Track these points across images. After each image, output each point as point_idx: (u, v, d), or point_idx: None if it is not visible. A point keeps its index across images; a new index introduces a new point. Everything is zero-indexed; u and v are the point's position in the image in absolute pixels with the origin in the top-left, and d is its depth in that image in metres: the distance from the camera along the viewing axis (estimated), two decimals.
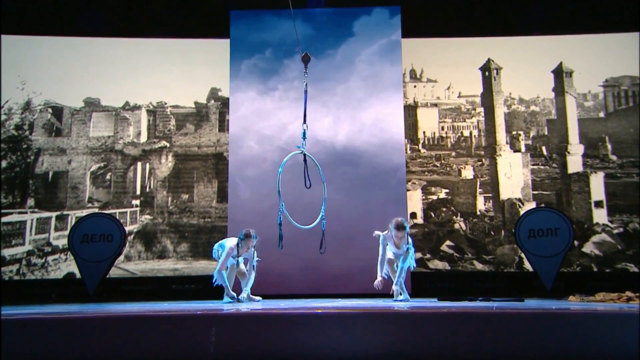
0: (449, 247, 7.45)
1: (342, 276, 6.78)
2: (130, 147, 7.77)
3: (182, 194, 7.64)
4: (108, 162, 7.71)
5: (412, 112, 7.86)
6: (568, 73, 7.78)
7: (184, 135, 7.79)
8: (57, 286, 7.10)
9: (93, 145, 7.76)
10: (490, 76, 7.87)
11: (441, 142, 7.82)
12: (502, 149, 7.72)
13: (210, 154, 7.76)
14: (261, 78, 7.47)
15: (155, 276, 7.34)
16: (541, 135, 7.78)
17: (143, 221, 7.54)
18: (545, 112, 7.83)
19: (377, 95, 7.38)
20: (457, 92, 7.96)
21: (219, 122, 7.79)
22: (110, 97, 7.79)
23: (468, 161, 7.72)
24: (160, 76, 7.78)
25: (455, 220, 7.54)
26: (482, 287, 6.87)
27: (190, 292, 7.00)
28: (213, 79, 7.83)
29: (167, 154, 7.73)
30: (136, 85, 7.77)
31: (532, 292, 6.23)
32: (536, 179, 7.59)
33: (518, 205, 7.50)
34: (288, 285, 6.65)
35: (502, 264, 7.37)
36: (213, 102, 7.86)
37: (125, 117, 7.83)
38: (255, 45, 7.52)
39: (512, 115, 7.84)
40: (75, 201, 7.59)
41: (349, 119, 7.36)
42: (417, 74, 8.01)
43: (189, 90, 7.82)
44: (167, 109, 7.85)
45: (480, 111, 7.86)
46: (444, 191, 7.62)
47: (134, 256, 7.43)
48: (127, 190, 7.65)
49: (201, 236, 7.49)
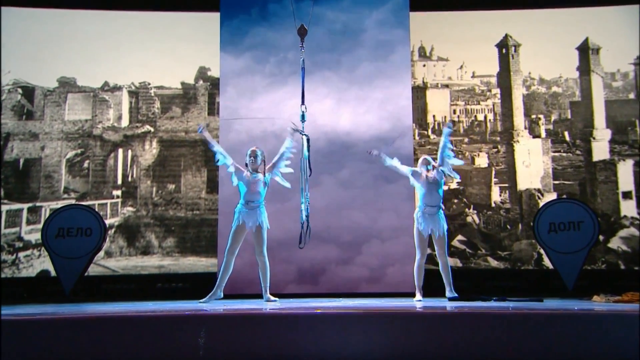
0: (461, 243, 7.46)
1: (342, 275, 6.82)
2: (110, 132, 7.74)
3: (168, 183, 7.62)
4: (86, 148, 7.68)
5: (421, 94, 7.83)
6: (594, 50, 7.72)
7: (169, 119, 7.76)
8: (30, 285, 7.10)
9: (69, 130, 7.72)
10: (507, 54, 7.82)
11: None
12: (520, 134, 7.69)
13: (199, 140, 7.73)
14: (255, 55, 7.43)
15: (138, 274, 7.35)
16: (563, 119, 7.75)
17: (125, 214, 7.53)
18: (568, 93, 7.79)
19: (381, 76, 7.34)
20: (470, 71, 7.91)
21: (209, 105, 7.76)
22: (87, 76, 7.74)
23: (482, 148, 7.70)
24: (143, 53, 7.72)
25: (468, 213, 7.54)
26: (496, 286, 6.87)
27: (177, 292, 6.99)
28: (202, 57, 7.78)
29: (152, 139, 7.71)
30: (116, 63, 7.71)
31: (552, 292, 6.23)
32: (557, 167, 7.58)
33: (537, 196, 7.49)
34: (286, 284, 6.68)
35: (519, 260, 7.38)
36: (202, 83, 7.82)
37: (105, 99, 7.78)
38: (248, 18, 7.46)
39: (532, 97, 7.81)
40: (49, 191, 7.56)
41: (352, 101, 7.32)
42: (427, 51, 7.97)
43: (175, 69, 7.76)
44: (151, 90, 7.81)
45: (496, 93, 7.83)
46: (456, 181, 7.58)
47: (115, 252, 7.43)
48: (107, 180, 7.63)
49: (189, 230, 7.49)
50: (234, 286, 5.59)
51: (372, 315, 3.52)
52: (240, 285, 5.97)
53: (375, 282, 6.88)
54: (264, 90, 7.40)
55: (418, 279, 5.44)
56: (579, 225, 5.92)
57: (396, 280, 6.74)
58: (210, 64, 7.76)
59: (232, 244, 5.16)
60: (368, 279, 6.93)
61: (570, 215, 5.98)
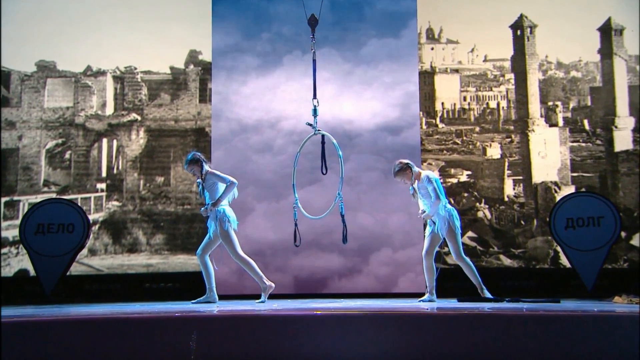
0: (471, 240, 7.47)
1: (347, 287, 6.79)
2: (94, 120, 7.72)
3: (156, 176, 7.63)
4: (67, 138, 7.67)
5: (428, 80, 7.81)
6: (618, 31, 7.69)
7: (158, 106, 7.75)
8: (7, 286, 7.10)
9: (49, 118, 7.71)
10: (522, 36, 7.78)
11: (463, 115, 7.78)
12: (536, 123, 7.68)
13: (190, 129, 7.73)
14: (251, 37, 7.40)
15: (125, 273, 7.36)
16: (583, 107, 7.73)
17: (110, 208, 7.54)
18: (588, 78, 7.77)
19: (388, 57, 7.30)
20: (482, 55, 7.89)
21: (200, 92, 7.76)
22: (68, 60, 7.72)
23: (495, 138, 7.69)
24: (129, 35, 7.69)
25: (479, 208, 7.54)
26: (509, 286, 6.88)
27: (166, 292, 7.01)
28: (192, 39, 7.75)
29: (138, 128, 7.70)
30: (100, 46, 7.69)
31: (569, 292, 6.25)
32: (576, 158, 7.57)
33: (554, 189, 7.49)
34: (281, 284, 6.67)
35: (534, 259, 7.39)
36: (192, 68, 7.80)
37: (87, 85, 7.76)
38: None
39: (549, 83, 7.78)
40: (27, 185, 7.56)
41: (356, 85, 7.28)
42: (435, 33, 7.94)
43: (164, 52, 7.75)
44: (138, 75, 7.80)
45: (510, 78, 7.80)
46: (466, 173, 7.61)
47: (99, 250, 7.44)
48: (90, 172, 7.62)
49: (179, 226, 7.50)
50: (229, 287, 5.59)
51: (376, 317, 3.53)
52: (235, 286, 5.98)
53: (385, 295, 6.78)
54: (257, 73, 7.35)
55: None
56: (599, 221, 5.91)
57: (409, 292, 6.56)
58: (202, 46, 7.74)
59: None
60: (376, 290, 6.77)
61: (590, 210, 5.97)
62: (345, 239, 5.14)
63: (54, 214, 6.14)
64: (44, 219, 6.11)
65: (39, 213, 6.18)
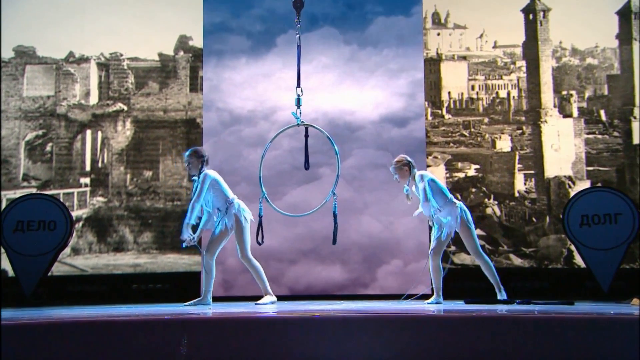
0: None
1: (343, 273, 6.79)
2: (77, 110, 7.71)
3: (144, 170, 7.64)
4: (48, 129, 7.67)
5: (434, 67, 7.81)
6: (638, 14, 7.68)
7: (145, 95, 7.75)
8: None
9: (28, 108, 7.70)
10: (535, 20, 7.78)
11: (471, 105, 7.79)
12: (549, 113, 7.68)
13: (180, 120, 7.73)
14: (245, 21, 7.38)
15: (110, 274, 7.37)
16: (599, 96, 7.73)
17: (95, 204, 7.54)
18: (605, 65, 7.77)
19: (392, 40, 7.28)
20: (492, 41, 7.89)
21: (191, 80, 7.76)
22: (49, 45, 7.71)
23: (505, 129, 7.70)
24: (114, 19, 7.67)
25: (488, 204, 7.56)
26: (520, 287, 6.89)
27: (155, 294, 7.02)
28: (182, 24, 7.75)
29: (125, 119, 7.70)
30: (83, 30, 7.68)
31: (584, 294, 6.27)
32: (591, 151, 7.57)
33: (568, 184, 7.50)
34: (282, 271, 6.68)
35: (546, 258, 7.41)
36: (182, 54, 7.80)
37: (70, 72, 7.75)
38: None
39: (563, 71, 7.78)
40: (5, 179, 7.56)
41: (358, 72, 7.27)
42: (442, 18, 7.94)
43: (152, 38, 7.74)
44: (124, 62, 7.79)
45: (521, 65, 7.80)
46: (474, 167, 7.62)
47: (83, 249, 7.45)
48: (73, 166, 7.62)
49: (169, 224, 7.50)
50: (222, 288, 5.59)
51: (378, 319, 3.53)
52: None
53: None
54: (248, 57, 7.31)
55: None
56: (616, 218, 5.91)
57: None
58: (192, 31, 7.75)
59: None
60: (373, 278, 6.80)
61: (606, 206, 5.97)
62: (335, 240, 5.09)
63: (35, 211, 6.12)
64: (24, 216, 6.09)
65: (18, 209, 6.16)
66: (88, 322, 3.62)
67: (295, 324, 3.50)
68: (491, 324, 3.47)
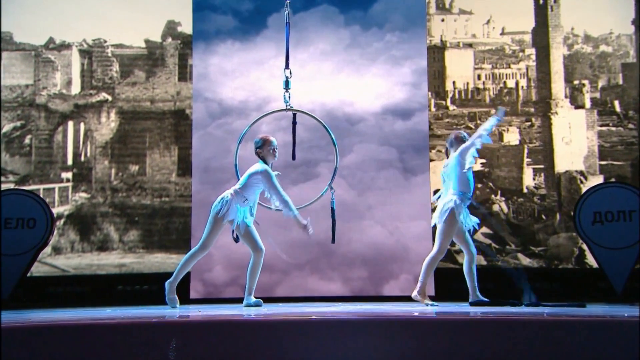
0: (486, 236, 7.50)
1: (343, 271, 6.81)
2: (58, 100, 7.70)
3: (130, 164, 7.63)
4: (27, 120, 7.66)
5: (438, 56, 7.81)
6: None
7: (131, 85, 7.75)
8: None
9: (5, 98, 7.68)
10: (545, 5, 7.78)
11: (477, 95, 7.80)
12: (560, 104, 7.69)
13: (168, 111, 7.73)
14: (237, 4, 7.36)
15: (94, 274, 7.37)
16: (613, 86, 7.75)
17: (77, 201, 7.53)
18: (620, 53, 7.78)
19: (395, 24, 7.27)
20: (499, 27, 7.90)
21: (180, 68, 7.75)
22: (27, 31, 7.69)
23: (513, 121, 7.71)
24: (97, 3, 7.66)
25: (495, 200, 7.57)
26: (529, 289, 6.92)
27: (142, 295, 7.03)
28: (170, 8, 7.73)
29: (109, 110, 7.69)
30: (63, 15, 7.66)
31: (596, 296, 6.30)
32: (605, 144, 7.59)
33: (579, 180, 7.51)
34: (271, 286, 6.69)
35: (556, 258, 7.43)
36: (171, 41, 7.79)
37: (50, 60, 7.73)
38: None
39: (575, 59, 7.79)
40: None
41: (358, 60, 7.27)
42: (446, 2, 7.94)
43: (138, 24, 7.73)
44: (108, 49, 7.78)
45: (530, 53, 7.81)
46: (480, 161, 7.62)
47: (65, 248, 7.44)
48: (54, 160, 7.61)
49: (156, 221, 7.51)
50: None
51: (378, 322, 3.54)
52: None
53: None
54: (248, 52, 7.32)
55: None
56: (631, 215, 5.94)
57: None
58: (181, 17, 7.74)
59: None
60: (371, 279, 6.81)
61: (620, 203, 6.00)
62: (334, 239, 5.07)
63: (12, 207, 6.12)
64: (1, 213, 6.09)
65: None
66: (70, 326, 3.62)
67: (292, 327, 3.51)
68: (498, 327, 3.50)
